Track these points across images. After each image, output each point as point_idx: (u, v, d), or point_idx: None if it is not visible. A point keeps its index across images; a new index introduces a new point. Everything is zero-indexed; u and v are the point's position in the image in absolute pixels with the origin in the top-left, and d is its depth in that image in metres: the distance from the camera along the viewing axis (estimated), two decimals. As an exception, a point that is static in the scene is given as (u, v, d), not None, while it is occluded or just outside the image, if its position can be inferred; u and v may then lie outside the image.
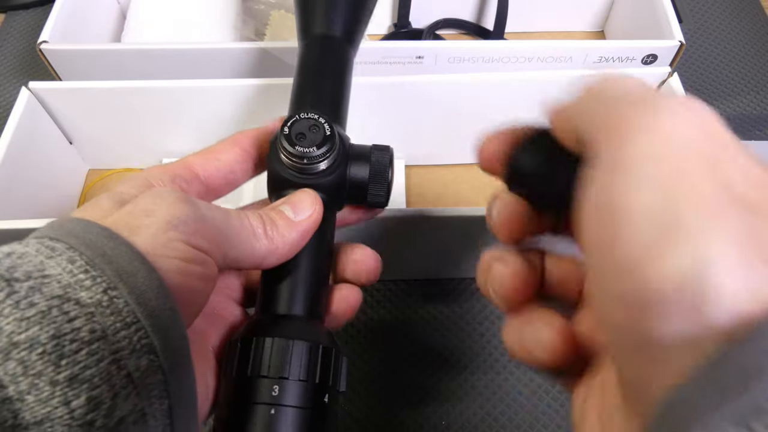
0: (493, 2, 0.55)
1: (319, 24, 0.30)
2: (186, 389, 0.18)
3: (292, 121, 0.25)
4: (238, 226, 0.22)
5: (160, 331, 0.17)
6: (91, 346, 0.15)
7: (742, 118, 0.53)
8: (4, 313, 0.15)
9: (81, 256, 0.17)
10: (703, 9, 0.62)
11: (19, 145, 0.39)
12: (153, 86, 0.41)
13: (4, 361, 0.15)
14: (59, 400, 0.15)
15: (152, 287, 0.17)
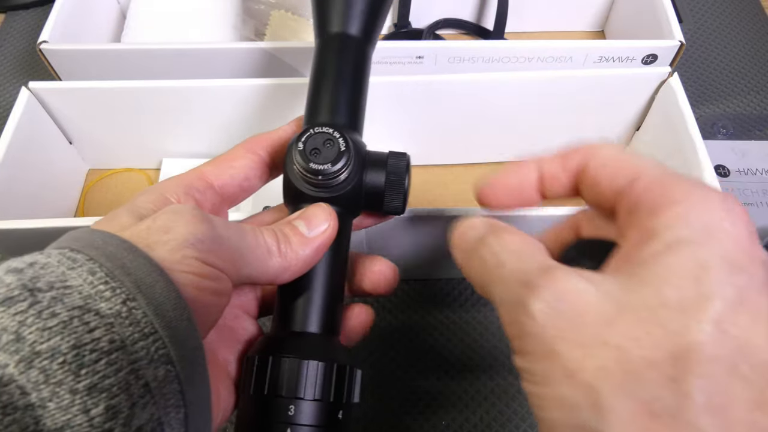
0: (493, 2, 0.55)
1: (336, 22, 0.30)
2: (202, 399, 0.18)
3: (307, 135, 0.25)
4: (253, 244, 0.22)
5: (177, 341, 0.17)
6: (110, 356, 0.16)
7: (742, 118, 0.53)
8: (28, 323, 0.15)
9: (101, 268, 0.17)
10: (703, 9, 0.62)
11: (19, 145, 0.39)
12: (153, 86, 0.41)
13: (27, 369, 0.15)
14: (79, 408, 0.15)
15: (170, 299, 0.18)
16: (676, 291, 0.16)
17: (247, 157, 0.27)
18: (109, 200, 0.48)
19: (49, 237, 0.36)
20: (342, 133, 0.25)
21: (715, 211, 0.17)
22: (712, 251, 0.16)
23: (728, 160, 0.49)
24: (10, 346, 0.15)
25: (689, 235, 0.17)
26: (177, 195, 0.24)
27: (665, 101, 0.42)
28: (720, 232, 0.17)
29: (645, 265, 0.17)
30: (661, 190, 0.18)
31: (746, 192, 0.47)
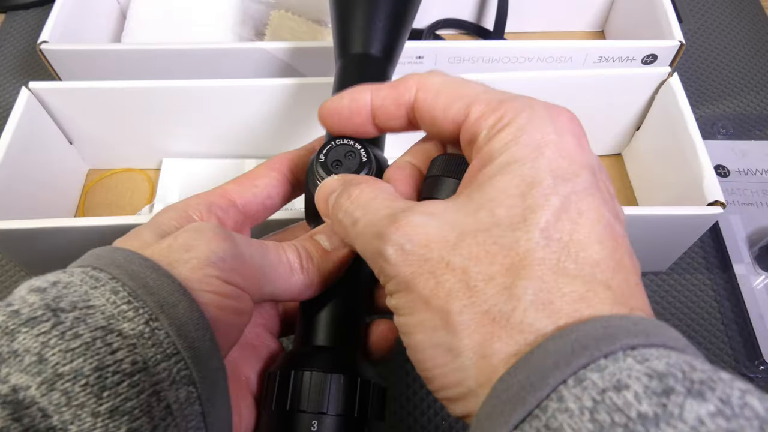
0: (493, 2, 0.55)
1: (357, 43, 0.30)
2: (223, 420, 0.18)
3: (328, 148, 0.25)
4: (276, 261, 0.22)
5: (199, 362, 0.17)
6: (132, 378, 0.16)
7: (742, 118, 0.53)
8: (50, 344, 0.15)
9: (124, 287, 0.17)
10: (703, 9, 0.62)
11: (19, 145, 0.39)
12: (153, 86, 0.41)
13: (49, 391, 0.15)
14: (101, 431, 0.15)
15: (192, 319, 0.18)
16: (506, 210, 0.18)
17: (270, 175, 0.26)
18: (109, 200, 0.48)
19: (50, 237, 0.36)
20: (363, 144, 0.25)
21: (543, 126, 0.19)
22: (539, 166, 0.18)
23: (728, 160, 0.49)
24: (33, 367, 0.15)
25: (520, 155, 0.19)
26: (200, 212, 0.24)
27: (665, 101, 0.43)
28: (547, 146, 0.19)
29: (481, 188, 0.19)
30: (493, 115, 0.20)
31: (746, 192, 0.47)
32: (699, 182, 0.37)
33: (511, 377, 0.16)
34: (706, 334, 0.42)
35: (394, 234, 0.19)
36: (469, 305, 0.17)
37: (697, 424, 0.13)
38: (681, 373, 0.14)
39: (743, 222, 0.46)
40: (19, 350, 0.15)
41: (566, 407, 0.14)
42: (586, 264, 0.17)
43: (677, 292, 0.44)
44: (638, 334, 0.15)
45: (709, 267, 0.45)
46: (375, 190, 0.21)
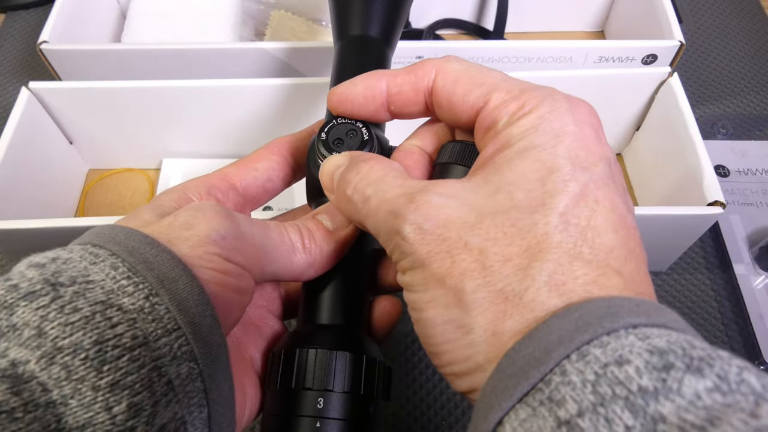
0: (493, 2, 0.55)
1: (355, 25, 0.30)
2: (225, 398, 0.18)
3: (330, 126, 0.25)
4: (277, 241, 0.22)
5: (201, 338, 0.17)
6: (132, 353, 0.16)
7: (742, 118, 0.53)
8: (50, 318, 0.15)
9: (123, 263, 0.17)
10: (703, 9, 0.62)
11: (19, 145, 0.39)
12: (153, 86, 0.41)
13: (49, 365, 0.15)
14: (101, 405, 0.15)
15: (193, 294, 0.17)
16: (525, 193, 0.18)
17: (270, 158, 0.26)
18: (109, 200, 0.48)
19: (50, 237, 0.36)
20: (365, 123, 0.25)
21: (564, 117, 0.20)
22: (558, 153, 0.19)
23: (728, 160, 0.49)
24: (32, 341, 0.15)
25: (539, 141, 0.19)
26: (199, 194, 0.24)
27: (665, 101, 0.43)
28: (566, 135, 0.19)
29: (499, 171, 0.19)
30: (515, 102, 0.20)
31: (746, 192, 0.47)
32: (699, 182, 0.37)
33: (516, 353, 0.16)
34: (706, 335, 0.42)
35: (413, 213, 0.19)
36: (483, 284, 0.18)
37: (695, 399, 0.13)
38: (681, 350, 0.14)
39: (743, 222, 0.46)
40: (18, 324, 0.15)
41: (569, 380, 0.15)
42: (601, 250, 0.18)
43: (677, 292, 0.44)
44: (640, 314, 0.16)
45: (709, 267, 0.45)
46: (385, 168, 0.21)
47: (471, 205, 0.19)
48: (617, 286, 0.17)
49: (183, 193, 0.23)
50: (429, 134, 0.25)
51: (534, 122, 0.19)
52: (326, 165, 0.23)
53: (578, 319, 0.16)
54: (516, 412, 0.15)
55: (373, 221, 0.20)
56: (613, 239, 0.18)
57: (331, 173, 0.23)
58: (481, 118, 0.21)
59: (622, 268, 0.18)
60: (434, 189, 0.19)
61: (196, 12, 0.51)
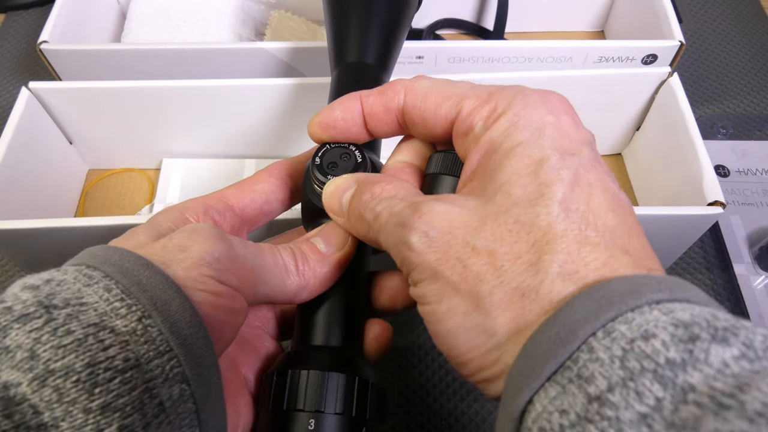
0: (493, 2, 0.55)
1: (352, 52, 0.30)
2: (217, 418, 0.18)
3: (323, 151, 0.25)
4: (271, 263, 0.22)
5: (193, 360, 0.17)
6: (124, 375, 0.16)
7: (742, 118, 0.53)
8: (42, 341, 0.15)
9: (117, 285, 0.17)
10: (703, 9, 0.62)
11: (19, 145, 0.39)
12: (153, 86, 0.41)
13: (40, 387, 0.15)
14: (92, 428, 0.15)
15: (185, 316, 0.18)
16: (522, 189, 0.19)
17: (269, 181, 0.27)
18: (109, 200, 0.48)
19: (50, 237, 0.36)
20: (357, 146, 0.25)
21: (538, 109, 0.20)
22: (543, 145, 0.19)
23: (728, 160, 0.49)
24: (24, 363, 0.15)
25: (522, 138, 0.19)
26: (196, 215, 0.24)
27: (665, 101, 0.43)
28: (546, 127, 0.20)
29: (493, 177, 0.19)
30: (486, 106, 0.21)
31: (746, 192, 0.47)
32: (699, 182, 0.37)
33: (541, 335, 0.16)
34: (706, 334, 0.42)
35: (417, 221, 0.19)
36: (498, 285, 0.18)
37: (723, 367, 0.13)
38: (705, 322, 0.15)
39: (743, 222, 0.46)
40: (11, 346, 0.15)
41: (597, 357, 0.15)
42: (605, 231, 0.18)
43: (677, 292, 0.44)
44: (662, 290, 0.16)
45: (709, 267, 0.45)
46: (395, 186, 0.22)
47: (473, 210, 0.19)
48: (627, 264, 0.18)
49: (180, 213, 0.23)
50: (411, 148, 0.25)
51: (511, 120, 0.20)
52: (331, 189, 0.24)
53: (601, 298, 0.16)
54: (545, 391, 0.15)
55: (384, 235, 0.21)
56: (612, 219, 0.18)
57: (338, 197, 0.23)
58: (457, 127, 0.22)
59: (627, 246, 0.18)
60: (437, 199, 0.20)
61: (196, 12, 0.51)
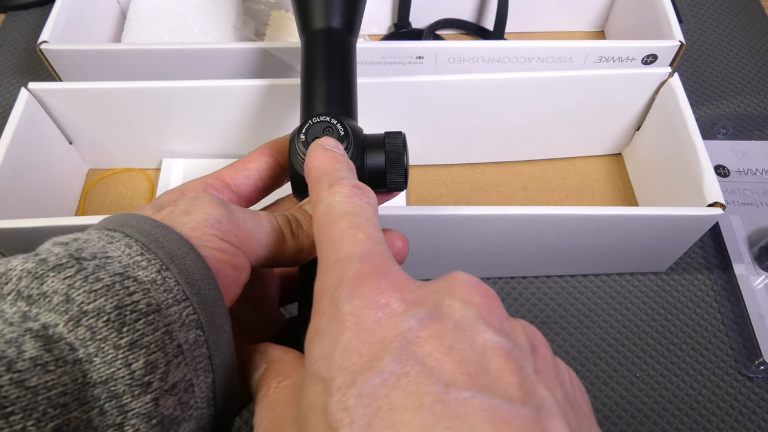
0: (493, 2, 0.55)
1: (318, 18, 0.31)
2: (227, 366, 0.20)
3: (307, 126, 0.26)
4: (268, 227, 0.24)
5: (206, 308, 0.19)
6: (147, 317, 0.17)
7: (742, 118, 0.53)
8: (76, 286, 0.17)
9: (137, 242, 0.19)
10: (703, 9, 0.62)
11: (19, 145, 0.39)
12: (153, 86, 0.41)
13: (75, 327, 0.17)
14: (122, 362, 0.17)
15: (199, 269, 0.19)
16: None
17: (261, 159, 0.28)
18: (109, 200, 0.48)
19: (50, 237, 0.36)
20: (339, 119, 0.26)
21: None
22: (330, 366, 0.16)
23: (728, 160, 0.49)
24: (60, 306, 0.17)
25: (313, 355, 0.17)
26: (195, 191, 0.25)
27: (665, 101, 0.43)
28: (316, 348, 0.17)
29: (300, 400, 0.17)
30: None
31: (746, 192, 0.47)
32: (699, 183, 0.37)
33: None
34: (706, 335, 0.42)
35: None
36: None
37: None
38: None
39: (743, 222, 0.46)
40: (48, 292, 0.17)
41: None
42: None
43: (677, 292, 0.44)
44: None
45: (709, 267, 0.45)
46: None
47: None
48: None
49: (181, 191, 0.25)
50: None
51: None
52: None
53: None
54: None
55: None
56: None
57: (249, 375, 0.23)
58: None
59: None
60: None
61: (196, 12, 0.51)
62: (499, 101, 0.43)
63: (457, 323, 0.16)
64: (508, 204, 0.48)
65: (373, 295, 0.16)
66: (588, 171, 0.49)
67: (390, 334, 0.15)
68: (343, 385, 0.15)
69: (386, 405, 0.14)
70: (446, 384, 0.14)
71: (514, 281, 0.44)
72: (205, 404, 0.19)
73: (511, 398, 0.14)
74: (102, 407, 0.16)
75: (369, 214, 0.21)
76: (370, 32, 0.58)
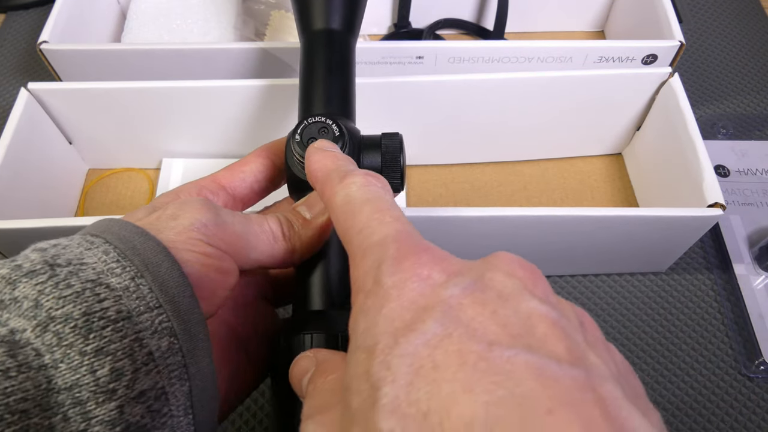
0: (493, 2, 0.55)
1: (318, 19, 0.31)
2: (204, 373, 0.19)
3: (302, 126, 0.26)
4: (258, 230, 0.24)
5: (180, 316, 0.19)
6: (116, 324, 0.17)
7: (742, 118, 0.53)
8: (45, 292, 0.17)
9: (114, 249, 0.19)
10: (703, 9, 0.62)
11: (19, 145, 0.39)
12: (153, 86, 0.41)
13: (43, 333, 0.17)
14: (86, 368, 0.17)
15: (173, 277, 0.19)
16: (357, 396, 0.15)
17: (257, 161, 0.28)
18: (109, 200, 0.48)
19: (50, 237, 0.36)
20: (335, 120, 0.26)
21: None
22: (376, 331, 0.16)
23: (728, 160, 0.49)
24: (29, 312, 0.17)
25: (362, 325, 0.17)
26: (189, 194, 0.26)
27: (665, 101, 0.43)
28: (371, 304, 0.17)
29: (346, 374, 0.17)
30: None
31: (746, 192, 0.47)
32: (699, 183, 0.37)
33: None
34: (706, 335, 0.42)
35: None
36: None
37: None
38: None
39: (743, 222, 0.46)
40: (19, 297, 0.17)
41: None
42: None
43: (677, 292, 0.44)
44: None
45: (709, 267, 0.45)
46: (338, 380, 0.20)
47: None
48: None
49: (176, 194, 0.25)
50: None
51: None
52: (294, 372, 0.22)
53: None
54: None
55: None
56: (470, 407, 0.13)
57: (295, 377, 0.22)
58: None
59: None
60: None
61: (196, 12, 0.51)
62: (499, 101, 0.43)
63: (500, 292, 0.16)
64: (508, 204, 0.48)
65: (414, 269, 0.16)
66: (588, 171, 0.49)
67: (433, 301, 0.15)
68: (385, 347, 0.15)
69: (429, 363, 0.14)
70: (490, 343, 0.14)
71: (514, 281, 0.44)
72: (182, 412, 0.18)
73: (560, 358, 0.14)
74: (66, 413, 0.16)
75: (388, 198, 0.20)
76: (370, 32, 0.58)
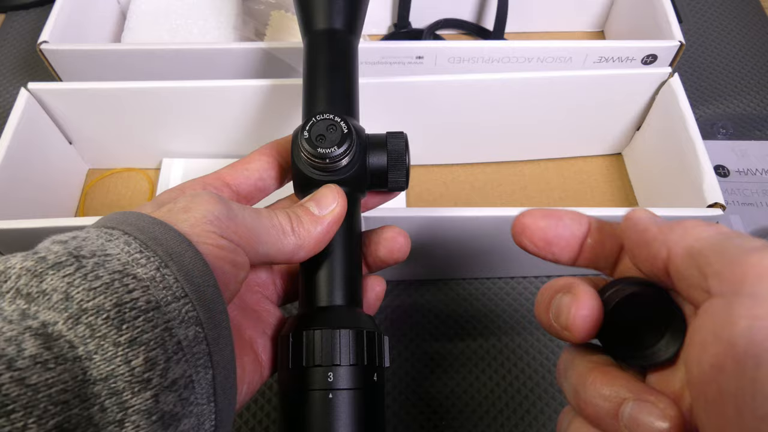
0: (493, 2, 0.55)
1: (321, 19, 0.31)
2: (227, 362, 0.20)
3: (311, 123, 0.26)
4: (268, 225, 0.24)
5: (205, 305, 0.19)
6: (147, 314, 0.17)
7: (742, 118, 0.53)
8: (75, 284, 0.17)
9: (135, 240, 0.19)
10: (703, 9, 0.62)
11: (19, 145, 0.39)
12: (153, 86, 0.41)
13: (75, 325, 0.17)
14: (121, 359, 0.17)
15: (197, 266, 0.19)
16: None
17: (261, 159, 0.28)
18: (109, 200, 0.48)
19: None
20: (343, 117, 0.27)
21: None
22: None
23: (728, 160, 0.49)
24: (60, 304, 0.17)
25: None
26: (194, 190, 0.25)
27: (665, 101, 0.43)
28: None
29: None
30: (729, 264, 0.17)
31: (746, 192, 0.47)
32: (699, 184, 0.37)
33: None
34: (706, 335, 0.42)
35: None
36: None
37: None
38: None
39: (743, 222, 0.46)
40: (47, 290, 0.17)
41: None
42: None
43: (677, 292, 0.44)
44: None
45: (709, 267, 0.45)
46: None
47: None
48: None
49: (181, 190, 0.25)
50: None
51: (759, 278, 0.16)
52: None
53: None
54: None
55: None
56: None
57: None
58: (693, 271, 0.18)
59: None
60: None
61: (196, 12, 0.51)
62: (499, 101, 0.43)
63: None
64: (508, 204, 0.48)
65: None
66: (588, 171, 0.49)
67: None
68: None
69: None
70: None
71: (514, 281, 0.44)
72: (205, 400, 0.19)
73: None
74: (102, 404, 0.16)
75: None
76: (369, 32, 0.58)
